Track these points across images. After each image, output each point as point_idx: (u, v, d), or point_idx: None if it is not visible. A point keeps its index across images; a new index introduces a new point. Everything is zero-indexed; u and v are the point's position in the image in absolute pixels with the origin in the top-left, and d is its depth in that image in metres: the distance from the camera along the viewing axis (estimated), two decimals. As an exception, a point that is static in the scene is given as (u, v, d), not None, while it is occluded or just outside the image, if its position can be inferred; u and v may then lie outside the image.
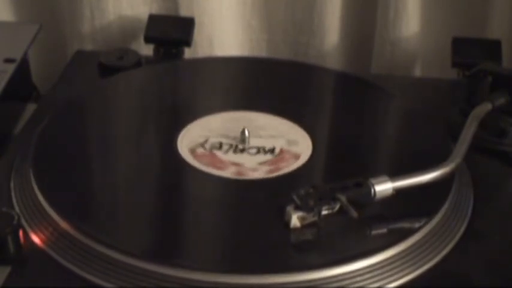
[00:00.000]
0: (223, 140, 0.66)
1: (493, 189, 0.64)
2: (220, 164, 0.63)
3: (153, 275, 0.52)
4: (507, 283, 0.55)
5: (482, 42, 0.81)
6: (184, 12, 0.86)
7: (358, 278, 0.53)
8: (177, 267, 0.53)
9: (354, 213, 0.55)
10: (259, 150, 0.65)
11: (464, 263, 0.56)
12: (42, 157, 0.63)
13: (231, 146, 0.66)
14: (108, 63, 0.79)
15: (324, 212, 0.56)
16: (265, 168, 0.63)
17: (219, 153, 0.65)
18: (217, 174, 0.62)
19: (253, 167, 0.63)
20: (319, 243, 0.56)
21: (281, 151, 0.65)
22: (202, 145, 0.66)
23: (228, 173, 0.62)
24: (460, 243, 0.58)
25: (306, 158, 0.64)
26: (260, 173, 0.62)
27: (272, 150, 0.65)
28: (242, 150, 0.65)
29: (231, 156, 0.64)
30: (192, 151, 0.65)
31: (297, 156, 0.64)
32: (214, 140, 0.66)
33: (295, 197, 0.56)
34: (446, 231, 0.58)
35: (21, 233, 0.55)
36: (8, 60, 0.75)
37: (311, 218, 0.56)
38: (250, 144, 0.66)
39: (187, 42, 0.83)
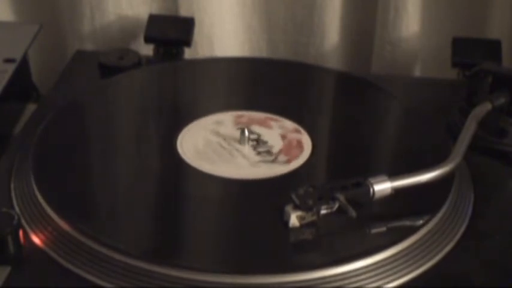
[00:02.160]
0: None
1: (493, 189, 0.64)
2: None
3: (153, 275, 0.52)
4: (507, 283, 0.55)
5: (482, 42, 0.81)
6: (184, 12, 0.86)
7: (358, 278, 0.53)
8: (176, 268, 0.53)
9: (353, 213, 0.55)
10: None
11: (464, 262, 0.56)
12: (42, 157, 0.63)
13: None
14: (108, 63, 0.79)
15: (323, 212, 0.56)
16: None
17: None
18: (217, 174, 0.62)
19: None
20: (318, 242, 0.56)
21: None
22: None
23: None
24: (460, 243, 0.58)
25: (305, 157, 0.64)
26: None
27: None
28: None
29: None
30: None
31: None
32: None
33: (294, 197, 0.56)
34: (446, 230, 0.58)
35: (21, 233, 0.55)
36: (8, 60, 0.75)
37: (310, 217, 0.56)
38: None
39: (187, 42, 0.83)
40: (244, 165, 0.63)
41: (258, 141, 0.66)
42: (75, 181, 0.62)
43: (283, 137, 0.67)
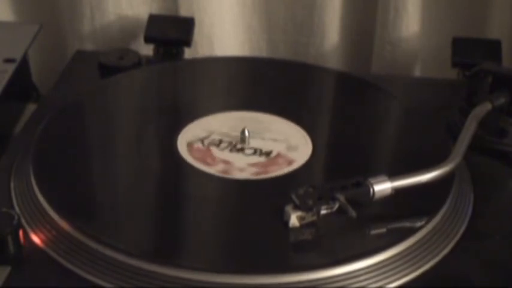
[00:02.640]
0: (224, 138, 0.66)
1: (493, 189, 0.64)
2: (210, 161, 0.63)
3: (153, 275, 0.52)
4: (507, 283, 0.55)
5: (482, 42, 0.81)
6: (184, 12, 0.86)
7: (358, 278, 0.53)
8: (176, 268, 0.53)
9: (353, 213, 0.55)
10: (256, 151, 0.65)
11: (464, 263, 0.56)
12: (42, 157, 0.63)
13: (229, 144, 0.66)
14: (108, 63, 0.79)
15: (323, 212, 0.56)
16: (253, 170, 0.63)
17: (214, 150, 0.65)
18: (217, 174, 0.62)
19: (242, 167, 0.63)
20: (318, 243, 0.56)
21: (277, 155, 0.65)
22: (201, 140, 0.65)
23: (214, 170, 0.62)
24: (460, 243, 0.58)
25: (304, 159, 0.64)
26: (246, 174, 0.62)
27: (268, 153, 0.65)
28: (239, 150, 0.65)
29: (225, 154, 0.64)
30: (189, 145, 0.65)
31: (290, 162, 0.64)
32: (214, 137, 0.66)
33: (294, 197, 0.56)
34: (447, 231, 0.58)
35: (21, 233, 0.55)
36: (8, 60, 0.75)
37: (310, 217, 0.56)
38: (250, 145, 0.66)
39: (187, 42, 0.83)
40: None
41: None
42: (75, 181, 0.62)
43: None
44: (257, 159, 0.64)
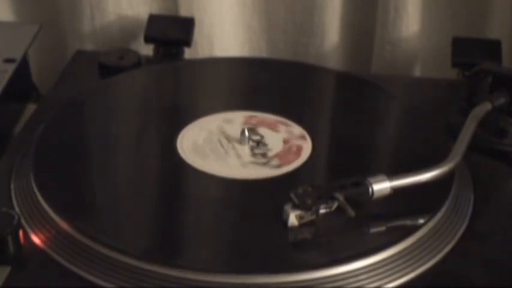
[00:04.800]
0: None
1: (493, 189, 0.64)
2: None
3: (153, 275, 0.52)
4: (507, 283, 0.55)
5: (482, 42, 0.81)
6: (184, 12, 0.86)
7: (357, 278, 0.53)
8: (176, 268, 0.53)
9: (352, 212, 0.55)
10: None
11: (464, 263, 0.56)
12: (42, 157, 0.63)
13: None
14: (108, 63, 0.79)
15: (322, 211, 0.56)
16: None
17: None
18: (216, 174, 0.62)
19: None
20: (317, 242, 0.56)
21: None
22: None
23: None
24: (460, 243, 0.58)
25: (305, 157, 0.64)
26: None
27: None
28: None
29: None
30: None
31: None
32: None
33: (293, 196, 0.56)
34: (446, 231, 0.58)
35: (21, 233, 0.55)
36: (8, 60, 0.75)
37: (309, 216, 0.56)
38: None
39: (187, 42, 0.83)
40: (234, 165, 0.63)
41: (259, 143, 0.66)
42: (75, 181, 0.62)
43: (286, 141, 0.67)
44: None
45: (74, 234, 0.55)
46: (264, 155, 0.65)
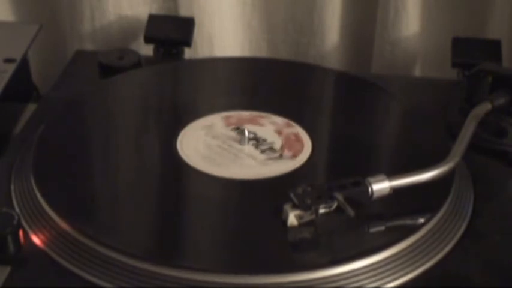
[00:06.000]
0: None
1: (493, 189, 0.64)
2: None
3: (153, 275, 0.52)
4: (507, 283, 0.55)
5: (482, 42, 0.81)
6: (184, 12, 0.86)
7: (357, 278, 0.53)
8: (176, 268, 0.53)
9: (351, 212, 0.55)
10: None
11: (464, 262, 0.56)
12: (42, 158, 0.63)
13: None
14: (108, 63, 0.79)
15: (322, 211, 0.56)
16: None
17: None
18: (216, 174, 0.62)
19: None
20: (316, 242, 0.56)
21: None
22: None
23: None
24: (460, 242, 0.58)
25: (305, 157, 0.64)
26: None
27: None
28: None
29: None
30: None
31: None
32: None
33: (292, 196, 0.56)
34: (446, 230, 0.58)
35: (21, 233, 0.55)
36: (8, 60, 0.75)
37: (308, 216, 0.56)
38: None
39: (187, 42, 0.83)
40: (251, 165, 0.63)
41: (258, 140, 0.66)
42: (75, 181, 0.62)
43: (279, 132, 0.67)
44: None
45: (73, 235, 0.55)
46: (272, 149, 0.65)
